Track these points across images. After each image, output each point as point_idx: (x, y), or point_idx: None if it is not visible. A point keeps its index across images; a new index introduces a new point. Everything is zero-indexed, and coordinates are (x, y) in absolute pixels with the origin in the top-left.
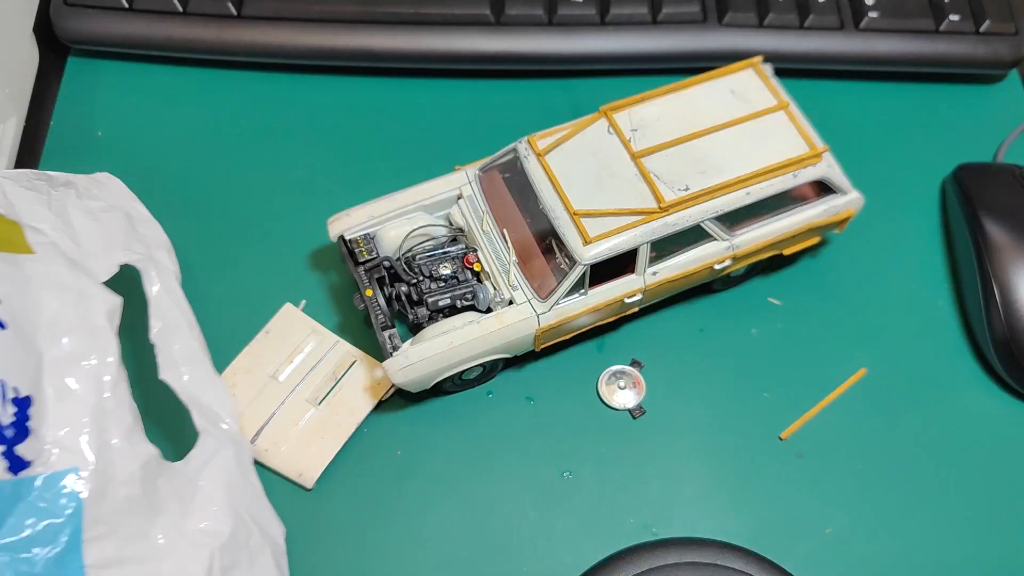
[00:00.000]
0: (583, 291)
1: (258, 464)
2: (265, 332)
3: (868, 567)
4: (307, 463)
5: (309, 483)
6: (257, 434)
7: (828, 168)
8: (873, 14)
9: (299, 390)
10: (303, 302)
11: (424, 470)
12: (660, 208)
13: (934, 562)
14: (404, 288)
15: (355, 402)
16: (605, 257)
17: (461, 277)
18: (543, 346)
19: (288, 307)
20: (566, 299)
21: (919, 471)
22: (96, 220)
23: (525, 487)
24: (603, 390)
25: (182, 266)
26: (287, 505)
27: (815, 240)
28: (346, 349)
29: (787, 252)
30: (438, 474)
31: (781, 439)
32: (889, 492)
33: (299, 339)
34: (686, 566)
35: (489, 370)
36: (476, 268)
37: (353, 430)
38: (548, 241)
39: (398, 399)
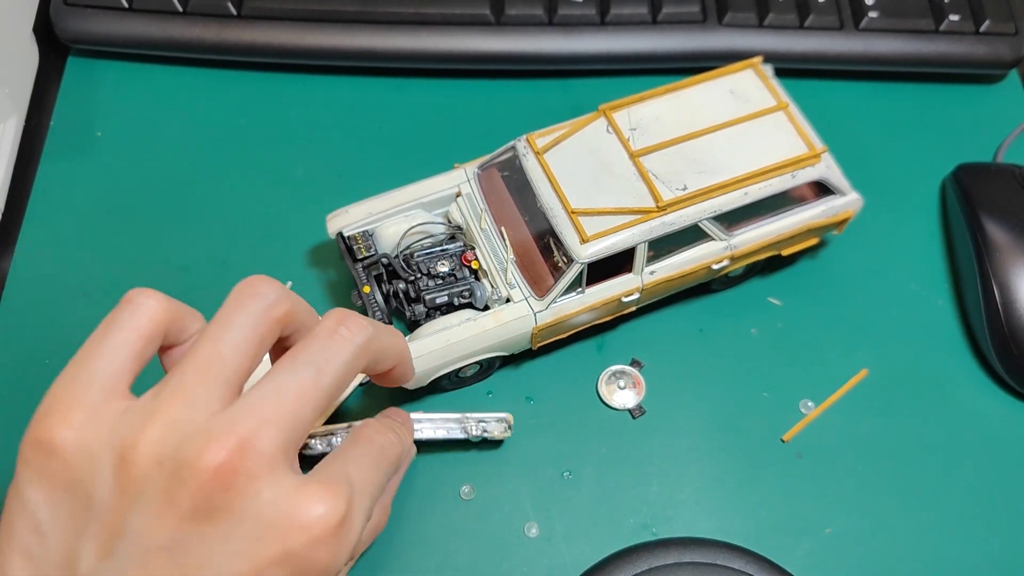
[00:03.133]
0: (580, 289)
1: None
2: None
3: (868, 567)
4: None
5: None
6: None
7: (827, 169)
8: (873, 14)
9: None
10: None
11: (424, 470)
12: (658, 207)
13: (934, 562)
14: (402, 285)
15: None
16: (602, 255)
17: (459, 275)
18: (540, 344)
19: None
20: (563, 297)
21: (919, 471)
22: None
23: (525, 487)
24: (603, 390)
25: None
26: None
27: (813, 241)
28: None
29: (785, 253)
30: (438, 474)
31: (783, 441)
32: (889, 492)
33: None
34: (686, 566)
35: (486, 368)
36: (474, 266)
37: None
38: (546, 239)
39: (397, 399)
